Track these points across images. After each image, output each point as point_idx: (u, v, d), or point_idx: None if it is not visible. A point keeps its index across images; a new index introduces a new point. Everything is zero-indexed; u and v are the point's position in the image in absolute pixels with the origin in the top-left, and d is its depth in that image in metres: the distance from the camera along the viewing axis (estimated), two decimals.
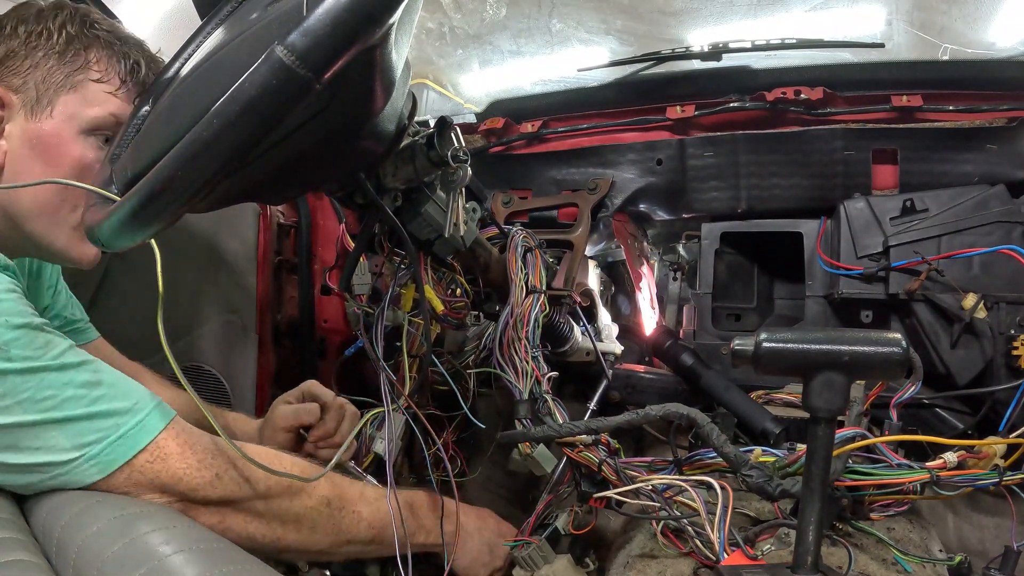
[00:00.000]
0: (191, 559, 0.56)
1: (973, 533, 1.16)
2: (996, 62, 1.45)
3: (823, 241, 1.29)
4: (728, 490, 0.79)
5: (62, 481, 0.67)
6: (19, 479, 0.68)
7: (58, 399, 0.66)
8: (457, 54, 1.97)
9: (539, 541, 0.92)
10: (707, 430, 0.82)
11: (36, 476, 0.67)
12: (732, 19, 1.69)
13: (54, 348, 0.68)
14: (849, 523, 0.82)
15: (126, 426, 0.69)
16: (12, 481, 0.68)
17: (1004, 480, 0.79)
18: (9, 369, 0.63)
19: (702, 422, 0.83)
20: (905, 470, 0.80)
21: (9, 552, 0.59)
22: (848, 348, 0.63)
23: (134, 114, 0.80)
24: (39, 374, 0.65)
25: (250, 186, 0.72)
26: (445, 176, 0.81)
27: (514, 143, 1.55)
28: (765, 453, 0.85)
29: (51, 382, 0.66)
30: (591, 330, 1.33)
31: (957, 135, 1.22)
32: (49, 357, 0.66)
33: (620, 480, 0.86)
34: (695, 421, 0.84)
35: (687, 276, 1.70)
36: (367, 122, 0.68)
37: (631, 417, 0.87)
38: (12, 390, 0.63)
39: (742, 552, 0.74)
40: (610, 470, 0.87)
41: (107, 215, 0.58)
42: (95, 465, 0.67)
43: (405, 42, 0.65)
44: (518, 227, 1.13)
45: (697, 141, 1.36)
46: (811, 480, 0.66)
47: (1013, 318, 1.07)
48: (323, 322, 1.56)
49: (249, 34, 0.62)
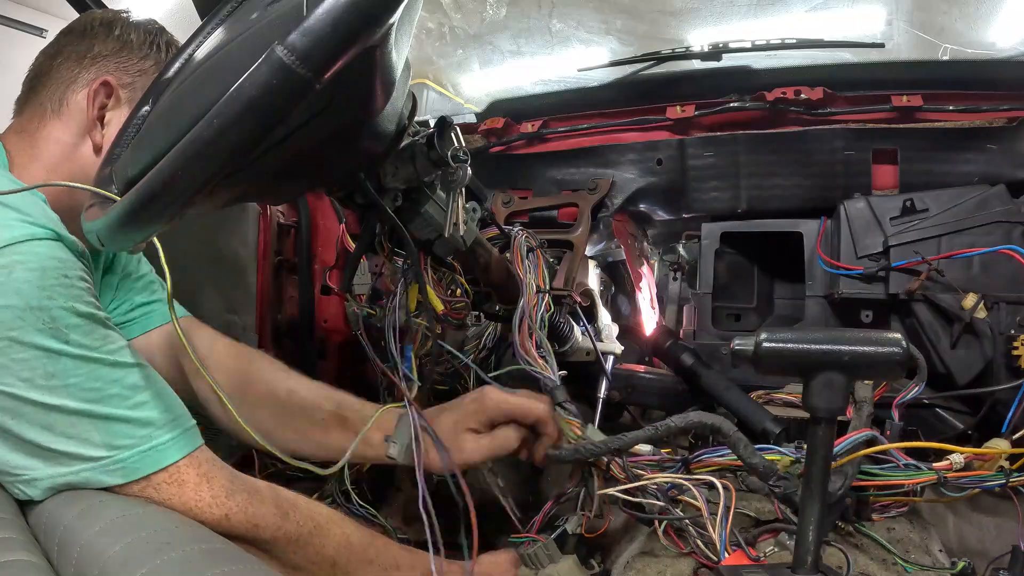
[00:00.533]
0: (192, 559, 0.56)
1: (973, 533, 1.15)
2: (996, 62, 1.45)
3: (823, 241, 1.29)
4: (731, 490, 0.79)
5: (83, 478, 0.67)
6: (41, 468, 0.66)
7: (103, 393, 0.67)
8: (457, 54, 1.97)
9: (545, 540, 0.92)
10: (734, 439, 0.81)
11: (60, 468, 0.66)
12: (732, 19, 1.69)
13: (111, 344, 0.69)
14: (852, 523, 0.82)
15: (159, 439, 0.69)
16: (33, 470, 0.67)
17: (1011, 481, 0.79)
18: (65, 352, 0.64)
19: (728, 431, 0.82)
20: (912, 471, 0.80)
21: (9, 552, 0.59)
22: (848, 348, 0.63)
23: (134, 114, 0.80)
24: (92, 364, 0.66)
25: (250, 186, 0.71)
26: (445, 176, 0.81)
27: (514, 143, 1.55)
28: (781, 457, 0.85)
29: (101, 375, 0.67)
30: (591, 330, 1.33)
31: (957, 135, 1.22)
32: (105, 351, 0.68)
33: (628, 478, 0.86)
34: (721, 430, 0.83)
35: (687, 276, 1.70)
36: (367, 122, 0.67)
37: (652, 432, 0.87)
38: (62, 372, 0.64)
39: (743, 552, 0.74)
40: (618, 468, 0.87)
41: (106, 215, 0.58)
42: (120, 469, 0.67)
43: (405, 42, 0.65)
44: (519, 228, 1.13)
45: (697, 141, 1.36)
46: (811, 480, 0.66)
47: (1013, 318, 1.07)
48: (323, 322, 1.56)
49: (249, 34, 0.62)
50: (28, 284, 0.63)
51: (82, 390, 0.65)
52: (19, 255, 0.64)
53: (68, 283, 0.66)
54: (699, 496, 0.80)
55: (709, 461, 0.89)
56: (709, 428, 0.84)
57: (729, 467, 0.89)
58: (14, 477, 0.67)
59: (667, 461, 0.92)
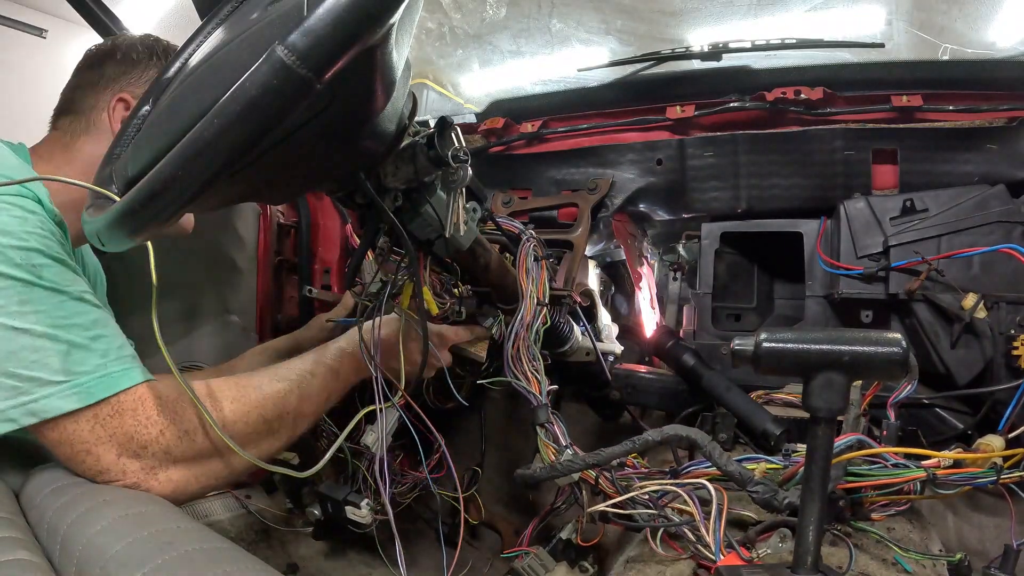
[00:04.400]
0: (193, 559, 0.56)
1: (973, 533, 1.16)
2: (996, 62, 1.45)
3: (823, 241, 1.29)
4: (722, 492, 0.79)
5: (41, 405, 0.71)
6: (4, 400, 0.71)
7: (68, 322, 0.74)
8: (457, 54, 1.97)
9: (537, 550, 0.93)
10: (709, 449, 0.83)
11: (20, 397, 0.71)
12: (732, 19, 1.69)
13: (79, 284, 0.77)
14: (848, 523, 0.82)
15: (114, 368, 0.75)
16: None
17: (1002, 479, 0.79)
18: (37, 284, 0.73)
19: (703, 442, 0.84)
20: (902, 469, 0.81)
21: (9, 551, 0.59)
22: (848, 348, 0.63)
23: (134, 114, 0.80)
24: (60, 296, 0.74)
25: (251, 186, 0.72)
26: (445, 176, 0.81)
27: (514, 143, 1.55)
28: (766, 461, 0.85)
29: (68, 308, 0.74)
30: (591, 330, 1.33)
31: (957, 135, 1.22)
32: (73, 288, 0.76)
33: (617, 491, 0.86)
34: (696, 443, 0.85)
35: (687, 276, 1.70)
36: (367, 122, 0.67)
37: (630, 447, 0.89)
38: (33, 300, 0.72)
39: (736, 553, 0.74)
40: (607, 482, 0.88)
41: (106, 215, 0.58)
42: (76, 394, 0.72)
43: (406, 42, 0.65)
44: (530, 232, 1.12)
45: (697, 141, 1.36)
46: (811, 481, 0.66)
47: (1013, 318, 1.07)
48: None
49: (249, 34, 0.62)
50: (10, 227, 0.73)
51: (49, 316, 0.73)
52: (5, 204, 0.74)
53: (45, 232, 0.76)
54: (691, 500, 0.80)
55: (696, 473, 0.89)
56: (685, 441, 0.86)
57: (719, 477, 0.89)
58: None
59: (656, 473, 0.93)
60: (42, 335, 0.72)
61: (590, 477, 0.90)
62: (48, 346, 0.72)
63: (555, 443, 0.96)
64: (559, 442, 0.96)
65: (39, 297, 0.72)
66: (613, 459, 0.89)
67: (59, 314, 0.73)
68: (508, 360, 1.00)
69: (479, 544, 1.50)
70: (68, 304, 0.74)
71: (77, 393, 0.72)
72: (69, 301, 0.75)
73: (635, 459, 0.98)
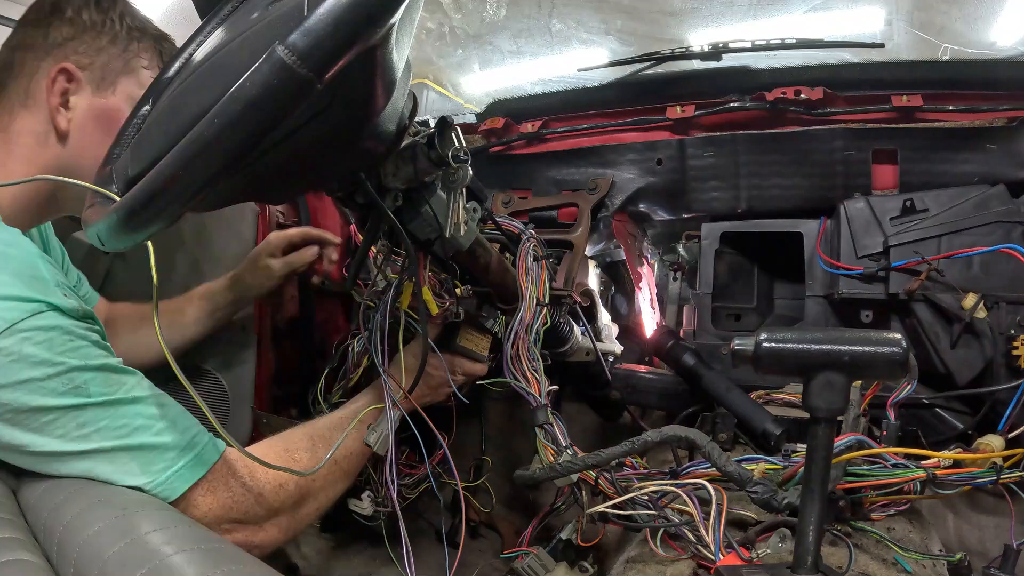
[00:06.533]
0: (192, 559, 0.56)
1: (973, 533, 1.16)
2: (996, 62, 1.45)
3: (823, 241, 1.29)
4: (722, 492, 0.79)
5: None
6: None
7: (131, 427, 0.73)
8: (457, 54, 1.96)
9: (537, 550, 0.93)
10: (708, 450, 0.83)
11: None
12: (732, 19, 1.69)
13: (127, 383, 0.74)
14: (848, 523, 0.82)
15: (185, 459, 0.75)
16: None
17: (1001, 478, 0.79)
18: (89, 403, 0.71)
19: (702, 443, 0.84)
20: (902, 470, 0.81)
21: (9, 552, 0.59)
22: (848, 348, 0.63)
23: (134, 113, 0.80)
24: (115, 407, 0.72)
25: (250, 186, 0.71)
26: (446, 176, 0.81)
27: (514, 143, 1.55)
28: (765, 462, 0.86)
29: (125, 413, 0.73)
30: (591, 330, 1.33)
31: (957, 135, 1.22)
32: (123, 391, 0.73)
33: (616, 492, 0.86)
34: (695, 443, 0.85)
35: (687, 276, 1.70)
36: (368, 122, 0.67)
37: (629, 447, 0.89)
38: (92, 420, 0.71)
39: (736, 554, 0.74)
40: (606, 483, 0.88)
41: (107, 215, 0.57)
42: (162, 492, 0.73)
43: (406, 42, 0.65)
44: (530, 232, 1.12)
45: (697, 141, 1.37)
46: (811, 481, 0.66)
47: (1013, 318, 1.07)
48: (323, 322, 1.56)
49: (250, 34, 0.62)
50: (39, 356, 0.68)
51: (112, 429, 0.71)
52: (25, 333, 0.68)
53: (76, 345, 0.71)
54: (690, 500, 0.80)
55: (696, 473, 0.89)
56: (685, 441, 0.86)
57: (718, 477, 0.89)
58: None
59: (655, 474, 0.93)
60: (111, 450, 0.71)
61: (590, 478, 0.90)
62: (123, 456, 0.72)
63: (554, 444, 0.96)
64: (559, 443, 0.96)
65: (95, 416, 0.71)
66: (612, 460, 0.89)
67: (120, 423, 0.72)
68: (508, 360, 1.00)
69: (479, 544, 1.50)
70: (124, 409, 0.73)
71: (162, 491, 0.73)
72: (124, 406, 0.73)
73: (635, 459, 0.98)
